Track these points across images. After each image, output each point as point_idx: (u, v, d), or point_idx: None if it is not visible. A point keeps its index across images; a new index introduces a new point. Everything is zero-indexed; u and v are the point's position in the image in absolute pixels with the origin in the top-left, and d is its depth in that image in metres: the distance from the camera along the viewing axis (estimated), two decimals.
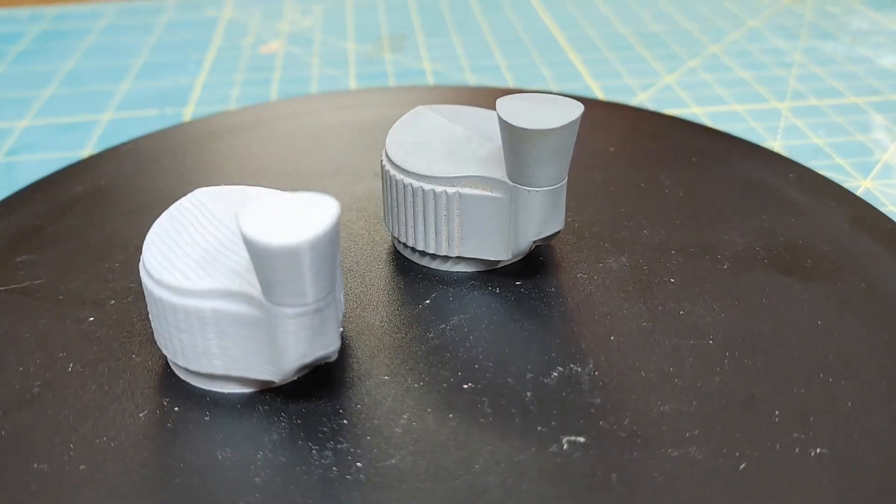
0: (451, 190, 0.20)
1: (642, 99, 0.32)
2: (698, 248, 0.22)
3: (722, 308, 0.20)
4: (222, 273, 0.16)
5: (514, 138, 0.18)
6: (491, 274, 0.21)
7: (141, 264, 0.17)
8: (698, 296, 0.20)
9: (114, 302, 0.20)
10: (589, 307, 0.20)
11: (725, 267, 0.21)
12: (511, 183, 0.19)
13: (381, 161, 0.21)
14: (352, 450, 0.16)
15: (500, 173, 0.19)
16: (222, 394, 0.17)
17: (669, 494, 0.15)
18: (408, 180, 0.20)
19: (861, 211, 0.24)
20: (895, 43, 0.38)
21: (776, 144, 0.29)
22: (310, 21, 0.42)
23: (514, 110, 0.18)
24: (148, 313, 0.19)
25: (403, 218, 0.21)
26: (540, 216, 0.19)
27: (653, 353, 0.18)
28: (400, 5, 0.44)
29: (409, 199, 0.20)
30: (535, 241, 0.20)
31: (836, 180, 0.25)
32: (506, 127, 0.18)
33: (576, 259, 0.22)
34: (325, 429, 0.17)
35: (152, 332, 0.19)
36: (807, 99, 0.32)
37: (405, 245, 0.22)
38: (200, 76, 0.35)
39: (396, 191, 0.20)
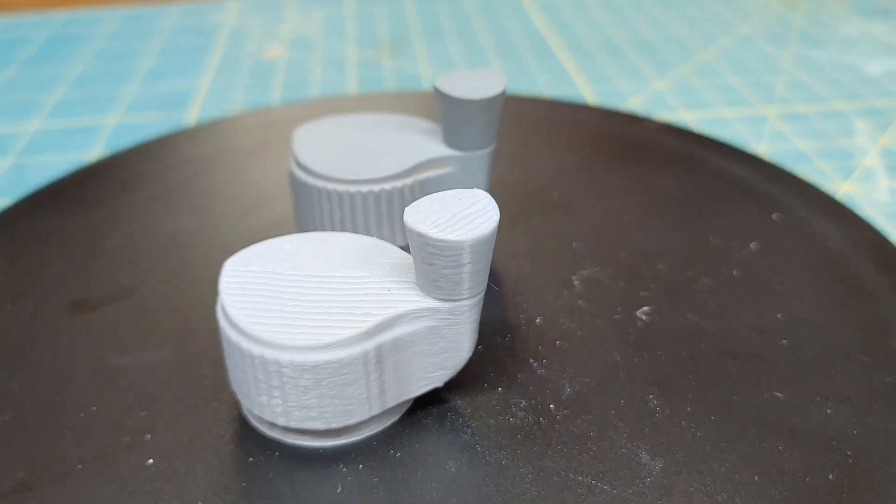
0: (409, 181, 0.21)
1: (633, 104, 0.33)
2: (571, 168, 0.27)
3: (629, 195, 0.26)
4: (373, 307, 0.16)
5: (474, 109, 0.20)
6: None
7: (262, 350, 0.15)
8: (611, 191, 0.26)
9: (135, 458, 0.17)
10: (547, 222, 0.24)
11: (600, 172, 0.27)
12: (462, 153, 0.21)
13: (311, 184, 0.21)
14: (563, 382, 0.19)
15: (443, 150, 0.21)
16: (375, 433, 0.17)
17: (737, 303, 0.21)
18: (366, 188, 0.20)
19: (662, 125, 0.30)
20: (881, 50, 0.39)
21: (761, 148, 0.30)
22: (311, 27, 0.43)
23: (460, 88, 0.20)
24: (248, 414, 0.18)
25: (351, 227, 0.21)
26: (489, 171, 0.22)
27: (620, 232, 0.24)
28: (399, 12, 0.45)
29: (371, 204, 0.21)
30: None
31: (817, 184, 0.27)
32: (463, 102, 0.20)
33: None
34: (522, 400, 0.18)
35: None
36: (793, 105, 0.33)
37: None
38: (204, 80, 0.37)
39: (349, 204, 0.20)
